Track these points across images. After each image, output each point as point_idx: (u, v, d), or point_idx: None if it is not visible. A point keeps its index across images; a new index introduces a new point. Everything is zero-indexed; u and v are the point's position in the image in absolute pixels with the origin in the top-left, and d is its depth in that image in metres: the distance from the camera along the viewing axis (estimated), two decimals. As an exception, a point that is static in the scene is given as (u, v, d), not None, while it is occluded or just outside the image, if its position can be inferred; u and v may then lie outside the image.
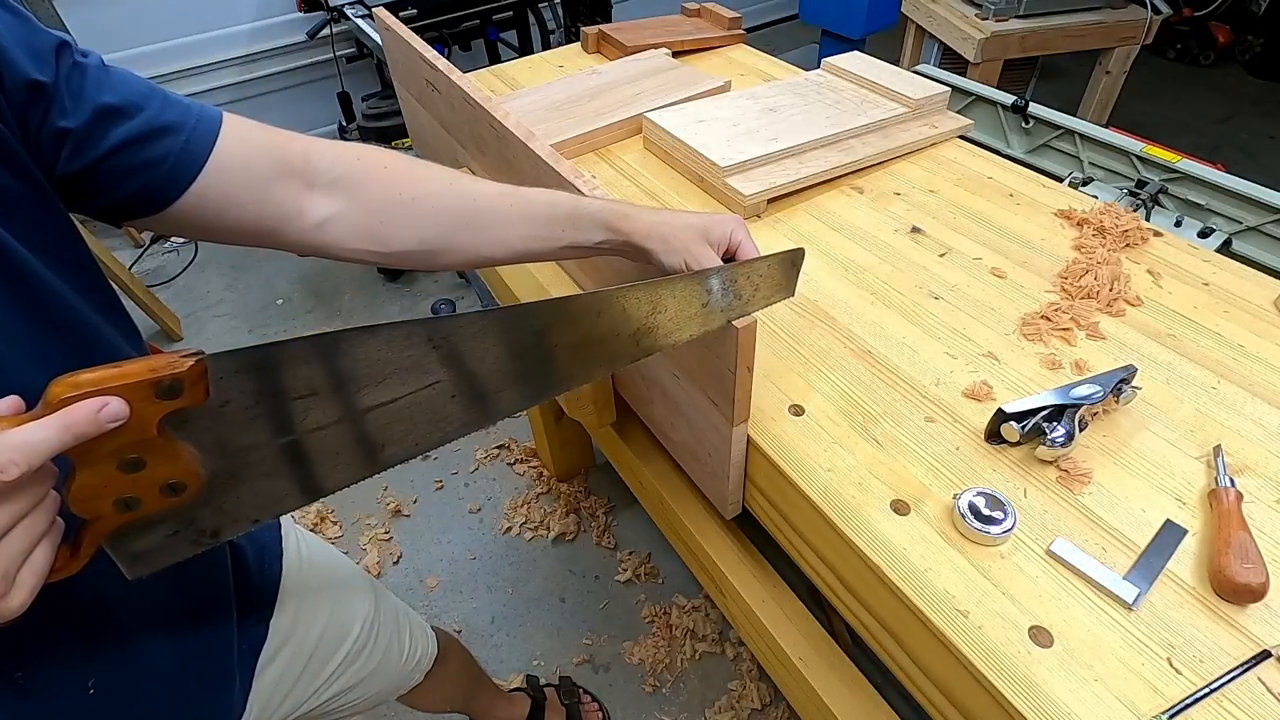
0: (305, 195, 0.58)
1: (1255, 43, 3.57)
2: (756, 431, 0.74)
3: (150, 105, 0.52)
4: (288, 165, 0.57)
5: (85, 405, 0.35)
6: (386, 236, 0.61)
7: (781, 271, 0.67)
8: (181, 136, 0.52)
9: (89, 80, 0.50)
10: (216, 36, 2.74)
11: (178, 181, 0.52)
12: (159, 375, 0.38)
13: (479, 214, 0.62)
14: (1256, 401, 0.75)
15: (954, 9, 2.41)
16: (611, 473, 1.83)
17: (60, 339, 0.48)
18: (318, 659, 0.79)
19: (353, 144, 0.62)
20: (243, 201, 0.55)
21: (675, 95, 1.28)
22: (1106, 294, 0.87)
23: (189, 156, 0.53)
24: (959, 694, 0.61)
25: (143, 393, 0.38)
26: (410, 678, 0.98)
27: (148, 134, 0.51)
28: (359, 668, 0.85)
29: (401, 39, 1.11)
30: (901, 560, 0.63)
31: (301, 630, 0.77)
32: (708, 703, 1.43)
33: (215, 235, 0.57)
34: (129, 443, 0.38)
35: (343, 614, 0.83)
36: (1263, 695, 0.53)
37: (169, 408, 0.39)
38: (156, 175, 0.52)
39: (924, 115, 1.22)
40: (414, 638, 0.98)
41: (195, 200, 0.53)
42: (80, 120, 0.48)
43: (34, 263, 0.46)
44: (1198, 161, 1.41)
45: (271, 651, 0.72)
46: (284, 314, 2.44)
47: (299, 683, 0.77)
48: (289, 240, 0.59)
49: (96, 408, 0.36)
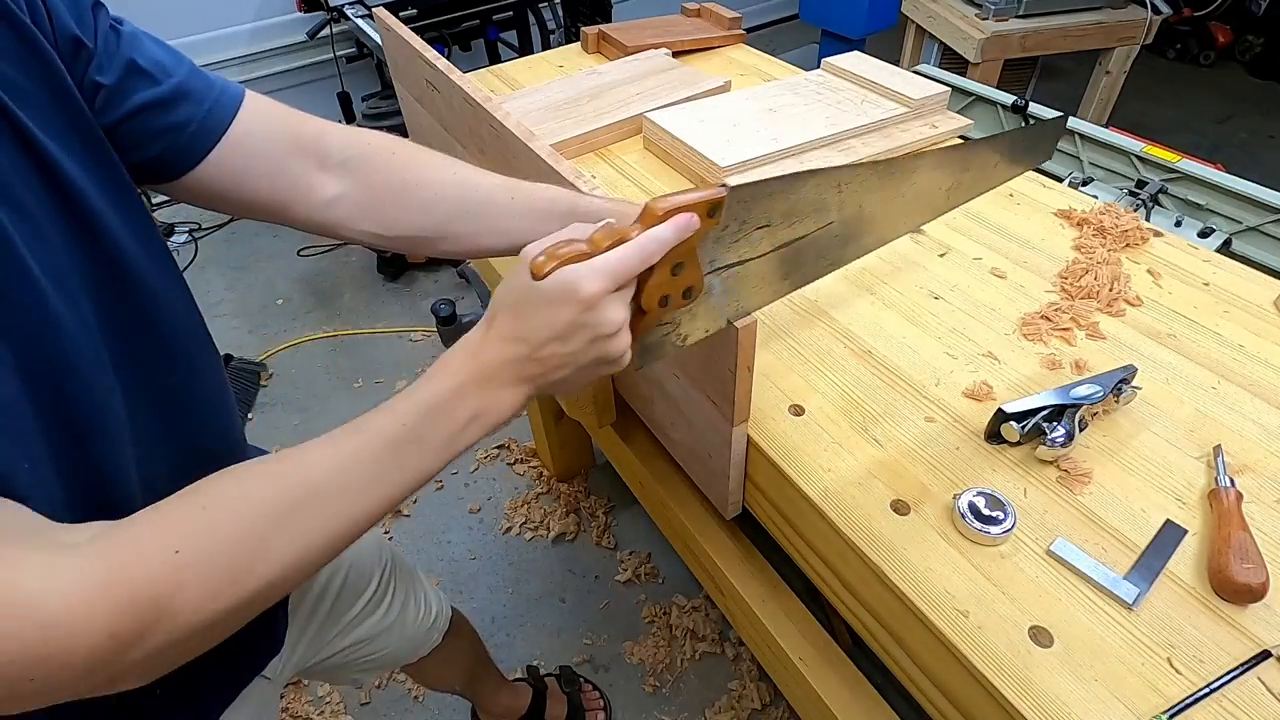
0: (316, 173, 0.60)
1: (1255, 43, 3.57)
2: (756, 431, 0.74)
3: (178, 72, 0.54)
4: (302, 143, 0.59)
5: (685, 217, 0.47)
6: (389, 219, 0.62)
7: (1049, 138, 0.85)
8: (205, 105, 0.55)
9: (123, 40, 0.52)
10: (216, 36, 2.74)
11: (198, 148, 0.55)
12: (715, 197, 0.48)
13: (480, 204, 0.63)
14: (1256, 401, 0.75)
15: (954, 9, 2.41)
16: (611, 473, 1.83)
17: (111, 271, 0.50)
18: (341, 604, 0.84)
19: (364, 129, 0.64)
20: (258, 174, 0.58)
21: (675, 95, 1.28)
22: (1106, 294, 0.87)
23: (211, 124, 0.55)
24: (959, 694, 0.61)
25: (703, 210, 0.48)
26: (429, 637, 1.02)
27: (173, 99, 0.53)
28: (379, 618, 0.89)
29: (401, 39, 1.11)
30: (901, 560, 0.63)
31: (325, 575, 0.81)
32: (708, 703, 1.43)
33: (228, 206, 0.59)
34: (684, 250, 0.49)
35: (361, 564, 0.88)
36: (1263, 695, 0.53)
37: (709, 226, 0.49)
38: (178, 140, 0.54)
39: (924, 115, 1.22)
40: (428, 599, 1.02)
41: (213, 169, 0.55)
42: (113, 77, 0.50)
43: (98, 204, 0.48)
44: (1198, 161, 1.41)
45: (299, 595, 0.77)
46: (284, 314, 2.44)
47: (324, 626, 0.82)
48: (298, 216, 0.61)
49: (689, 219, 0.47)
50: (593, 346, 0.47)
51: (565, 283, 0.44)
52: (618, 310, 0.47)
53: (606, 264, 0.45)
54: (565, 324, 0.45)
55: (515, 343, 0.46)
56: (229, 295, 2.52)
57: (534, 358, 0.46)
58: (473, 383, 0.45)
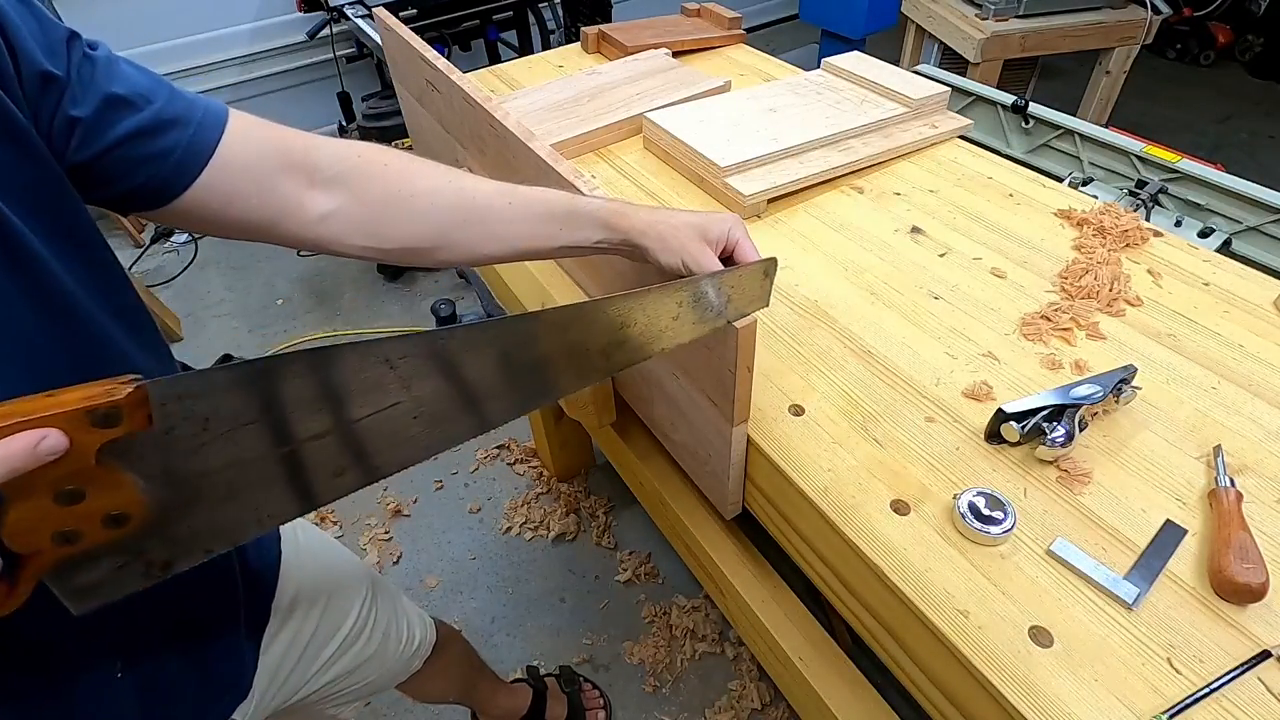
0: (307, 191, 0.59)
1: (1255, 43, 3.57)
2: (756, 431, 0.74)
3: (158, 98, 0.53)
4: (290, 161, 0.58)
5: (22, 438, 0.33)
6: (385, 233, 0.61)
7: (755, 282, 0.65)
8: (189, 130, 0.53)
9: (99, 71, 0.50)
10: (216, 36, 2.74)
11: (184, 175, 0.53)
12: (95, 403, 0.35)
13: (477, 211, 0.62)
14: (1256, 401, 0.75)
15: (954, 9, 2.41)
16: (611, 473, 1.83)
17: (63, 332, 0.48)
18: (316, 641, 0.80)
19: (354, 141, 0.63)
20: (246, 195, 0.56)
21: (675, 95, 1.28)
22: (1106, 294, 0.87)
23: (196, 150, 0.53)
24: (959, 694, 0.61)
25: (78, 422, 0.35)
26: (409, 665, 0.99)
27: (155, 126, 0.52)
28: (357, 651, 0.87)
29: (401, 39, 1.11)
30: (901, 560, 0.63)
31: (300, 612, 0.78)
32: (708, 703, 1.43)
33: (218, 229, 0.58)
34: (66, 473, 0.36)
35: (340, 598, 0.85)
36: (1263, 695, 0.53)
37: (107, 436, 0.36)
38: (164, 168, 0.52)
39: (924, 115, 1.22)
40: (411, 625, 0.99)
41: (201, 193, 0.54)
42: (90, 109, 0.49)
43: (43, 252, 0.46)
44: (1198, 161, 1.41)
45: (273, 632, 0.74)
46: (284, 314, 2.44)
47: (299, 665, 0.78)
48: (290, 235, 0.59)
49: (34, 441, 0.33)
50: None
51: None
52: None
53: None
54: None
55: None
56: (229, 295, 2.52)
57: None
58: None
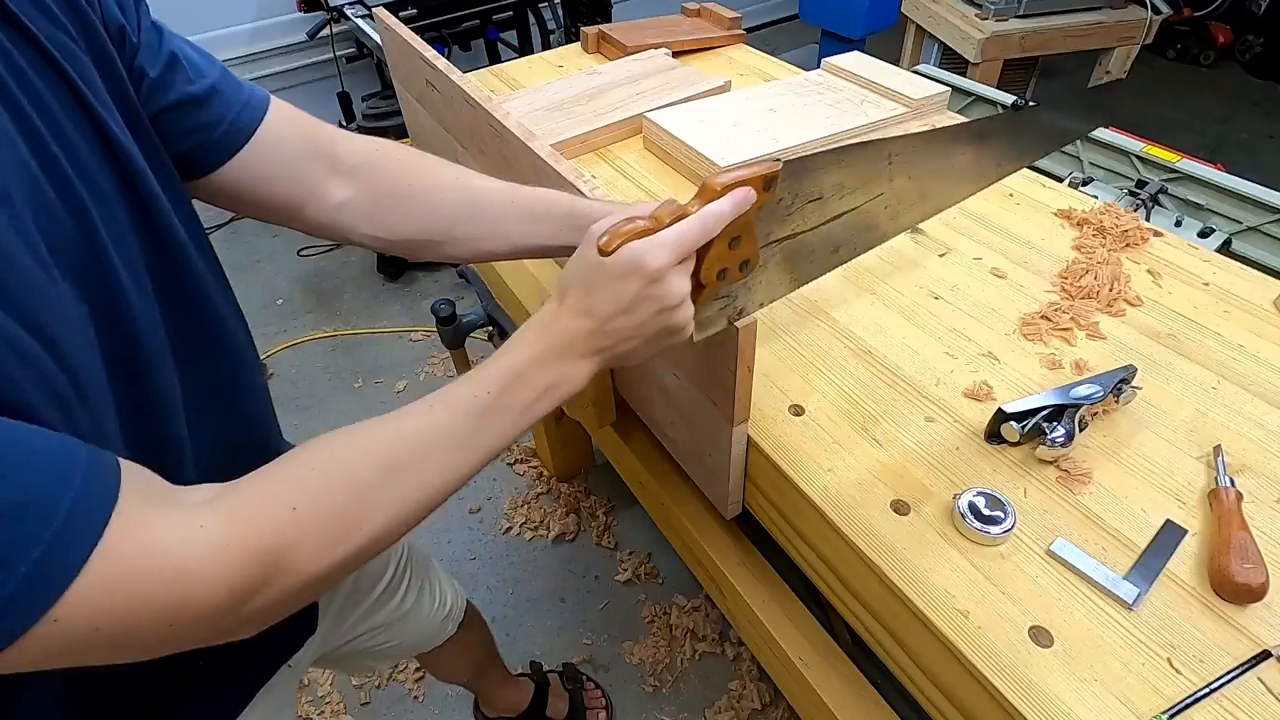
0: (329, 178, 0.62)
1: (1255, 43, 3.57)
2: (756, 431, 0.74)
3: (211, 73, 0.56)
4: (319, 149, 0.61)
5: (743, 191, 0.50)
6: (392, 223, 0.64)
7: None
8: (235, 107, 0.56)
9: (165, 35, 0.53)
10: (217, 36, 2.74)
11: (225, 148, 0.56)
12: (771, 172, 0.51)
13: (481, 209, 0.64)
14: (1256, 401, 0.75)
15: (954, 9, 2.41)
16: (611, 473, 1.82)
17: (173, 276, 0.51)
18: (358, 590, 0.85)
19: (373, 137, 0.66)
20: (276, 177, 0.59)
21: (675, 95, 1.28)
22: (1106, 294, 0.87)
23: (240, 126, 0.57)
24: (959, 694, 0.61)
25: (759, 184, 0.50)
26: (443, 628, 1.03)
27: (207, 97, 0.54)
28: (393, 606, 0.90)
29: (401, 39, 1.11)
30: (901, 560, 0.63)
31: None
32: (708, 703, 1.43)
33: (243, 206, 0.60)
34: (741, 223, 0.51)
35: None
36: (1263, 695, 0.53)
37: (765, 200, 0.52)
38: (208, 139, 0.55)
39: (924, 115, 1.22)
40: (444, 588, 1.03)
41: (236, 170, 0.57)
42: (157, 69, 0.52)
43: (159, 192, 0.49)
44: (1198, 161, 1.41)
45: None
46: (284, 314, 2.44)
47: (342, 612, 0.83)
48: (309, 219, 0.62)
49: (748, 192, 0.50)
50: (658, 318, 0.49)
51: (631, 258, 0.47)
52: (681, 283, 0.49)
53: (670, 238, 0.48)
54: (632, 297, 0.48)
55: (584, 316, 0.48)
56: (229, 295, 2.52)
57: (603, 330, 0.49)
58: (549, 355, 0.48)
